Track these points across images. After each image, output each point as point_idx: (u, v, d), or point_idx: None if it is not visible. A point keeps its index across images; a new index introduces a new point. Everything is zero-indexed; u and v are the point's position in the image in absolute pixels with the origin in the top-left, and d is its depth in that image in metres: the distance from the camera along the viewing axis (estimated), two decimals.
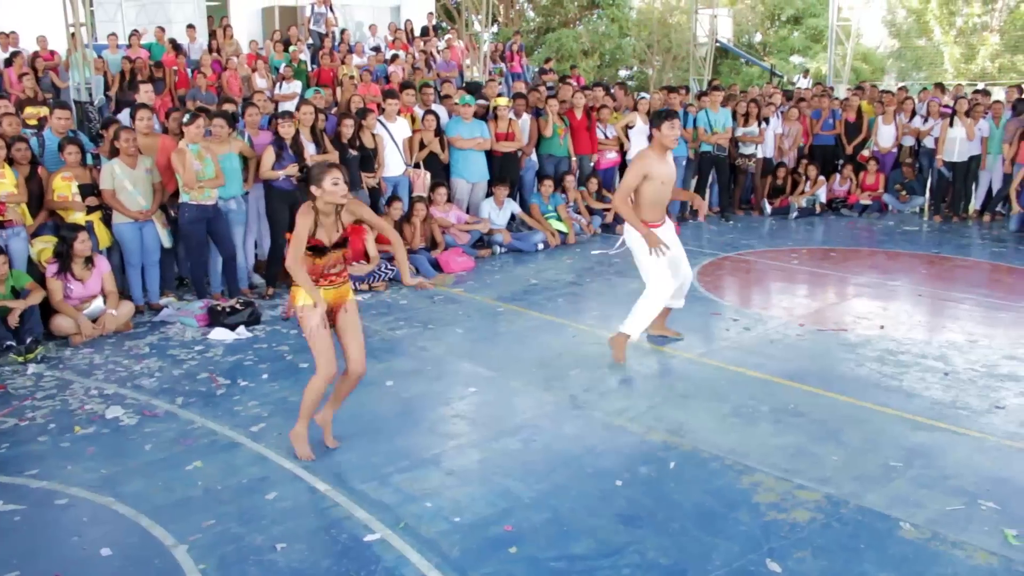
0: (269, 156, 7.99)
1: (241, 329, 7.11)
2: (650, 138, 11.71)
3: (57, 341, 6.90)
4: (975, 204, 12.59)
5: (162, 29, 15.71)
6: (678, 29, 33.08)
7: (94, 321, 7.01)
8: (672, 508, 4.16)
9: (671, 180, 6.32)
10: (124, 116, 8.98)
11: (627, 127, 11.63)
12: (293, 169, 7.97)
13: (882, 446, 4.85)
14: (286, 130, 8.01)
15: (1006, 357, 6.35)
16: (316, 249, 4.53)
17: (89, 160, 7.88)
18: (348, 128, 8.85)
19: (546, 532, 3.93)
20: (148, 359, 6.51)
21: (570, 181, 10.98)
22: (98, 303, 7.09)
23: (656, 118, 6.24)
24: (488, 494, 4.31)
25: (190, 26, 16.39)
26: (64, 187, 7.30)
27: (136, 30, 15.42)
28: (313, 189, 4.45)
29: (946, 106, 12.55)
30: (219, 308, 7.29)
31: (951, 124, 12.00)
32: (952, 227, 11.86)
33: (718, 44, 25.25)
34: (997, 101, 12.78)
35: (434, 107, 10.70)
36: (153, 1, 18.47)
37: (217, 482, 4.48)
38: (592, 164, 11.56)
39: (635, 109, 11.81)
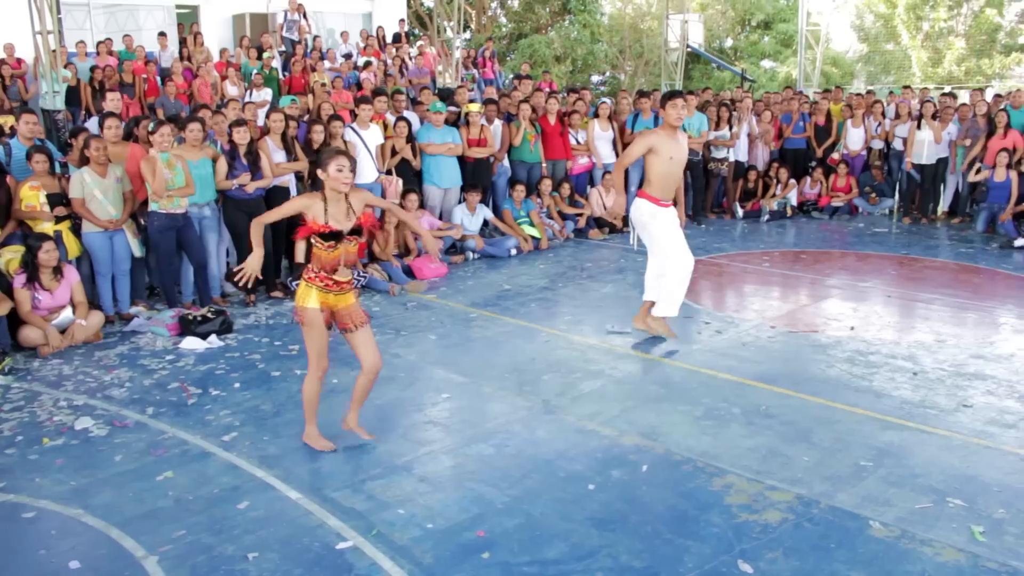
0: (222, 167, 7.94)
1: (213, 338, 7.05)
2: (614, 143, 11.89)
3: (25, 352, 6.81)
4: (943, 206, 12.75)
5: (130, 36, 15.58)
6: (649, 34, 33.29)
7: (63, 332, 6.93)
8: (644, 511, 4.17)
9: (681, 158, 6.52)
10: (92, 124, 8.90)
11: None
12: (246, 178, 7.92)
13: (852, 446, 4.90)
14: (240, 138, 7.97)
15: (973, 356, 6.43)
16: (330, 236, 4.58)
17: (57, 169, 7.80)
18: (318, 135, 8.82)
19: (519, 537, 3.94)
20: (118, 369, 6.45)
21: (546, 186, 11.02)
22: (67, 313, 7.02)
23: (663, 98, 6.49)
24: (461, 500, 4.31)
25: (161, 34, 16.28)
26: (32, 196, 7.22)
27: (104, 39, 15.28)
28: (319, 172, 4.59)
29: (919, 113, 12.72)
30: (190, 317, 7.23)
31: (919, 127, 12.16)
32: (921, 229, 12.00)
33: (689, 49, 25.42)
34: (964, 104, 12.95)
35: (406, 114, 10.69)
36: (122, 8, 18.32)
37: (188, 492, 4.45)
38: (566, 170, 11.59)
39: (596, 115, 11.86)
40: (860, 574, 3.63)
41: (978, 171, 11.55)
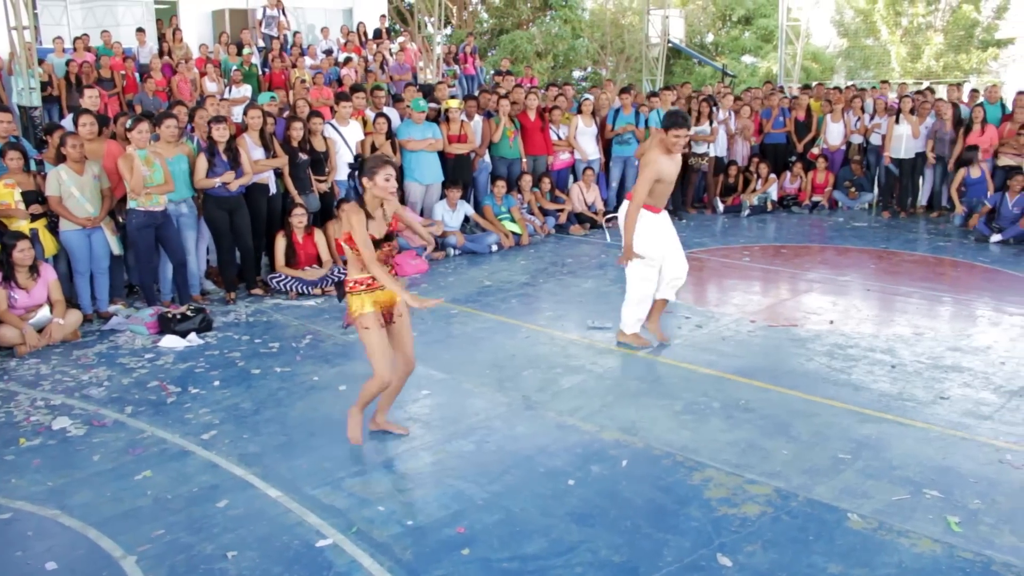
0: (202, 164, 7.87)
1: (192, 336, 7.02)
2: (597, 139, 11.88)
3: (1, 352, 6.75)
4: (922, 200, 12.84)
5: (108, 32, 15.45)
6: (631, 30, 33.31)
7: (40, 331, 6.87)
8: (624, 506, 4.19)
9: (675, 176, 6.47)
10: (68, 122, 8.83)
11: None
12: (229, 176, 7.85)
13: (831, 439, 4.93)
14: (219, 135, 7.92)
15: (950, 349, 6.48)
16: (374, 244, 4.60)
17: (32, 166, 7.73)
18: (297, 132, 8.77)
19: (499, 533, 3.94)
20: (96, 368, 6.41)
21: (526, 182, 11.02)
22: (44, 312, 6.96)
23: (669, 122, 6.22)
24: (441, 496, 4.31)
25: (140, 30, 16.15)
26: (7, 194, 7.14)
27: (82, 35, 15.13)
28: (365, 181, 4.55)
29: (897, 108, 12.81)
30: (170, 315, 7.19)
31: (897, 122, 12.23)
32: (900, 223, 12.08)
33: (670, 45, 25.44)
34: (939, 99, 13.04)
35: (385, 110, 10.66)
36: (100, 4, 18.17)
37: (167, 491, 4.42)
38: (547, 165, 11.60)
39: (579, 111, 11.86)
40: (838, 566, 3.66)
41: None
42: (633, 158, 11.33)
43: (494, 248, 10.25)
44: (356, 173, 4.65)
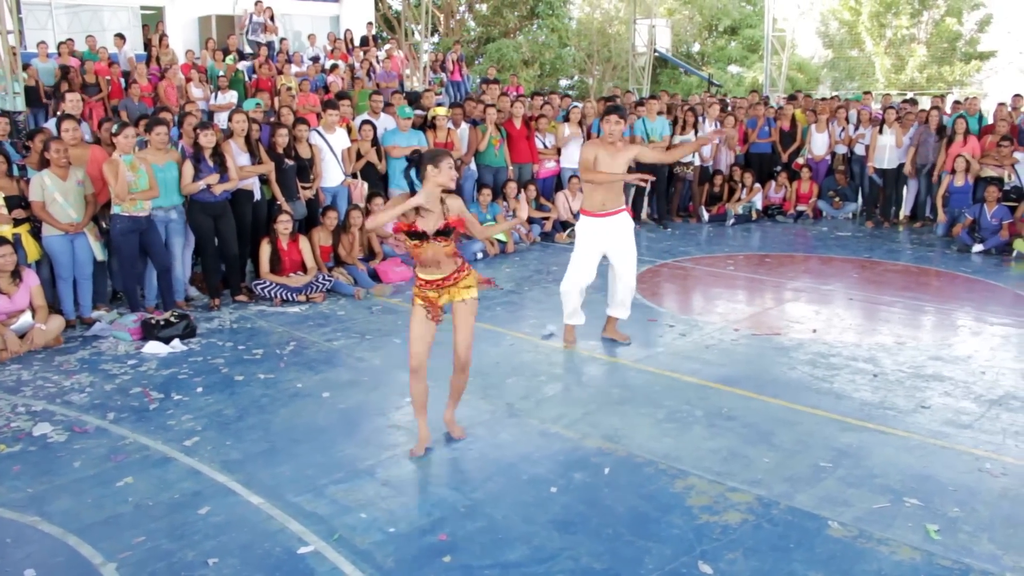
0: (188, 170, 7.84)
1: (175, 342, 6.98)
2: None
3: None
4: (905, 210, 12.93)
5: (93, 37, 15.38)
6: (617, 39, 33.47)
7: (22, 336, 6.83)
8: (606, 513, 4.19)
9: (615, 171, 6.47)
10: (51, 125, 8.79)
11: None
12: (214, 179, 7.83)
13: (812, 447, 4.96)
14: (206, 140, 7.90)
15: (932, 358, 6.53)
16: (416, 235, 4.64)
17: (15, 171, 7.69)
18: (282, 138, 8.76)
19: (480, 540, 3.94)
20: (79, 374, 6.37)
21: (511, 189, 11.04)
22: (26, 318, 6.92)
23: (603, 112, 6.55)
24: (423, 503, 4.31)
25: (118, 35, 16.09)
26: None
27: (67, 39, 15.06)
28: (430, 169, 4.56)
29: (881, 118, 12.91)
30: (153, 321, 7.16)
31: (880, 132, 12.33)
32: (883, 232, 12.16)
33: (657, 54, 25.58)
34: (923, 110, 13.15)
35: (382, 117, 10.68)
36: (86, 8, 18.11)
37: (148, 498, 4.40)
38: (533, 173, 11.62)
39: (567, 119, 11.91)
40: (818, 574, 3.68)
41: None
42: None
43: (479, 256, 10.25)
44: (416, 166, 4.66)
